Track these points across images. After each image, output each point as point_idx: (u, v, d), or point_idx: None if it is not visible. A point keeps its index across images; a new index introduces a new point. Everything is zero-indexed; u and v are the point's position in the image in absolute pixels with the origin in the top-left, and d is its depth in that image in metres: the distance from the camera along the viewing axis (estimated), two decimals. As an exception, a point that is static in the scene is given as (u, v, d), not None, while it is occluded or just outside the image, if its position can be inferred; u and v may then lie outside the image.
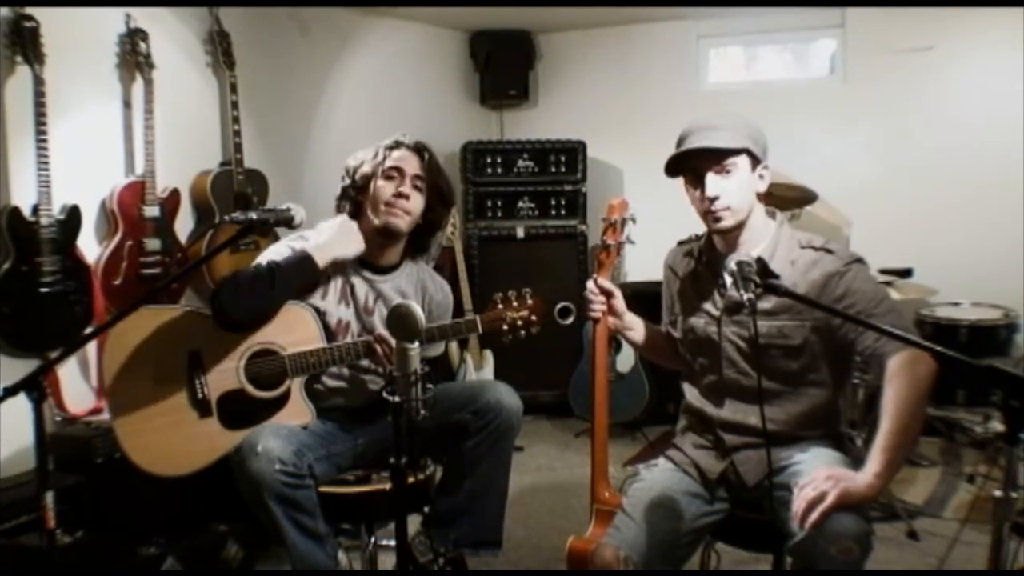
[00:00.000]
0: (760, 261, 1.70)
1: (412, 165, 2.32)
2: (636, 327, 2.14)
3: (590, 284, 2.05)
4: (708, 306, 1.98)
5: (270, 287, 2.16)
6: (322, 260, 2.23)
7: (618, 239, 2.09)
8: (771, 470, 1.76)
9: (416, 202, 2.32)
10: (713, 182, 1.84)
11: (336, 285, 2.32)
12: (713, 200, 1.84)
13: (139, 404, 2.13)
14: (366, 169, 2.31)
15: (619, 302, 2.07)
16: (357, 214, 2.35)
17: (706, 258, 2.02)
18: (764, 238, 1.92)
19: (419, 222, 2.37)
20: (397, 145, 2.34)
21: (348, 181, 2.36)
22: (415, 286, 2.41)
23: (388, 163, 2.30)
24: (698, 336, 1.99)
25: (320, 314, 2.27)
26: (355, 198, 2.34)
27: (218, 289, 2.18)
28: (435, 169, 2.37)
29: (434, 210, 2.39)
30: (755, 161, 1.88)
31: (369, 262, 2.36)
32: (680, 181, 1.95)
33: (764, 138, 1.91)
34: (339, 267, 2.32)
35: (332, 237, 2.28)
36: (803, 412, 1.89)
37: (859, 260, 1.88)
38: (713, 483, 1.92)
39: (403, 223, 2.31)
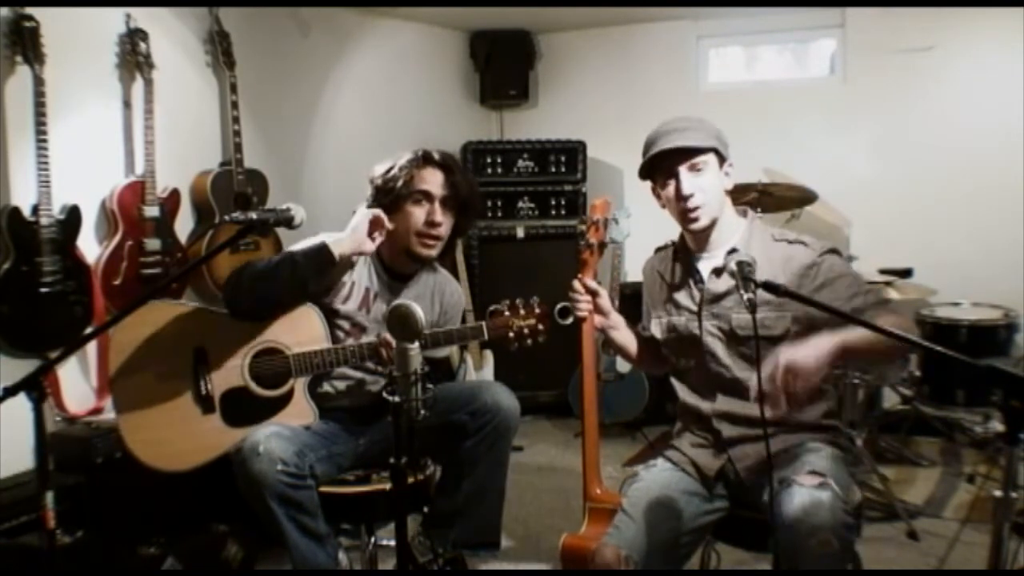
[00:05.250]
0: (734, 251, 1.73)
1: (440, 185, 2.27)
2: (620, 327, 2.18)
3: (576, 284, 2.09)
4: (686, 302, 2.02)
5: (285, 274, 2.14)
6: (339, 251, 2.18)
7: (601, 238, 2.14)
8: (771, 465, 1.76)
9: (447, 225, 2.30)
10: (687, 179, 1.91)
11: (359, 290, 2.33)
12: (688, 198, 1.90)
13: (143, 398, 2.14)
14: (393, 186, 2.24)
15: (604, 301, 2.11)
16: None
17: (680, 256, 2.07)
18: (735, 235, 1.98)
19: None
20: (422, 162, 2.28)
21: (373, 199, 2.29)
22: (431, 290, 2.42)
23: (416, 184, 2.25)
24: (680, 333, 2.02)
25: (338, 316, 2.27)
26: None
27: (233, 276, 2.17)
28: (462, 183, 2.30)
29: (462, 223, 2.37)
30: (721, 160, 1.96)
31: (392, 269, 2.36)
32: None
33: (726, 138, 1.99)
34: (362, 272, 2.33)
35: (353, 228, 2.23)
36: None
37: (832, 250, 1.93)
38: (711, 480, 1.93)
39: (436, 251, 2.31)
